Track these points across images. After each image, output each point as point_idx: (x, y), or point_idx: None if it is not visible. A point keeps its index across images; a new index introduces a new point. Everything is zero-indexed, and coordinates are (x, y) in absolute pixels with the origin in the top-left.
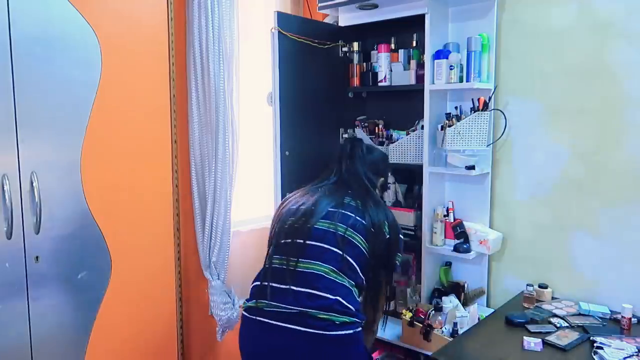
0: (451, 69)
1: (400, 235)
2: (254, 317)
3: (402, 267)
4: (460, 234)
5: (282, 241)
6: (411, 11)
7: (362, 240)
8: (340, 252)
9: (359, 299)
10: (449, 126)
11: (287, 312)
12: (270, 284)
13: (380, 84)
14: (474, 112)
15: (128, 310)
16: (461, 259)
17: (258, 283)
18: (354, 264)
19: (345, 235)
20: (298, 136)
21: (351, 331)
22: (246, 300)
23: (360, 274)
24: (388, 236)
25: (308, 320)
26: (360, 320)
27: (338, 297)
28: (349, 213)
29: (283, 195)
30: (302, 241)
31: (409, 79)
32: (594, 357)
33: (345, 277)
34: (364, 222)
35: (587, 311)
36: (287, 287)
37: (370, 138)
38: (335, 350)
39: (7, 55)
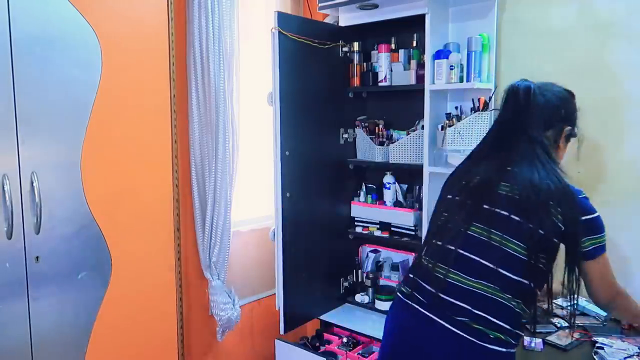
0: (451, 69)
1: (588, 217)
2: (408, 302)
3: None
4: None
5: (434, 241)
6: (411, 11)
7: (518, 244)
8: (494, 267)
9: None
10: (449, 126)
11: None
12: (423, 283)
13: (380, 84)
14: (474, 112)
15: (128, 310)
16: None
17: (411, 276)
18: (509, 274)
19: (502, 247)
20: (298, 136)
21: (503, 350)
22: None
23: (520, 277)
24: (558, 219)
25: (461, 325)
26: (515, 342)
27: (487, 316)
28: (503, 212)
29: (283, 195)
30: (453, 248)
31: (409, 79)
32: (595, 357)
33: (499, 290)
34: (520, 219)
35: (581, 308)
36: (435, 292)
37: (370, 138)
38: None
39: (7, 55)
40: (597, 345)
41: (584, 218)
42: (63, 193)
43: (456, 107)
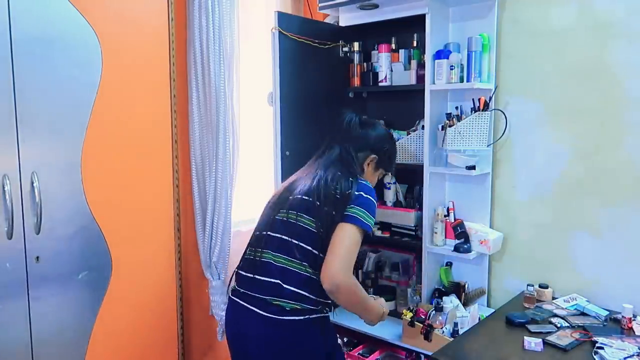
0: (452, 69)
1: (360, 193)
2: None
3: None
4: (460, 234)
5: (257, 233)
6: (412, 11)
7: (308, 219)
8: (288, 239)
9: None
10: (450, 126)
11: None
12: (240, 271)
13: (380, 84)
14: (475, 112)
15: (128, 310)
16: (462, 259)
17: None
18: (303, 245)
19: (291, 221)
20: (298, 136)
21: (301, 317)
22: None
23: (313, 249)
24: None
25: (265, 306)
26: (313, 307)
27: (289, 286)
28: (304, 197)
29: None
30: (265, 233)
31: (410, 79)
32: (595, 357)
33: (298, 262)
34: (309, 198)
35: (581, 308)
36: (252, 276)
37: None
38: (285, 334)
39: (8, 55)
40: (597, 345)
41: (349, 192)
42: (63, 193)
43: (456, 107)
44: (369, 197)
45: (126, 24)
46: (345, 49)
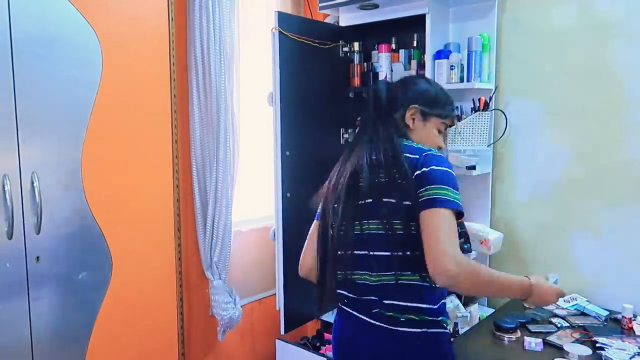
0: (452, 69)
1: (424, 170)
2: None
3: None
4: (460, 234)
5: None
6: (412, 11)
7: (376, 223)
8: (382, 254)
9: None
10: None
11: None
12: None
13: None
14: (475, 112)
15: (129, 310)
16: None
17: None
18: (382, 253)
19: (372, 232)
20: (299, 136)
21: (418, 330)
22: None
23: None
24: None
25: (375, 315)
26: (432, 319)
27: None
28: (367, 202)
29: (284, 196)
30: (350, 252)
31: None
32: (595, 357)
33: (387, 273)
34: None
35: (582, 308)
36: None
37: None
38: (403, 350)
39: (8, 55)
40: (597, 345)
41: (418, 172)
42: (63, 193)
43: (457, 107)
44: (442, 167)
45: (126, 23)
46: (346, 49)
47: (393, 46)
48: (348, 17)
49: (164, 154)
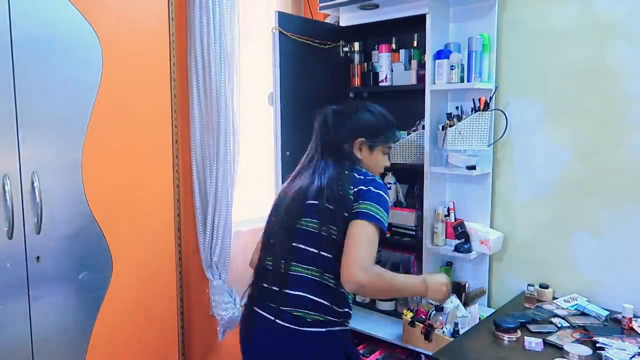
0: (452, 69)
1: (361, 188)
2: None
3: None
4: (461, 234)
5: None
6: (412, 11)
7: (320, 224)
8: (313, 250)
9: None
10: (450, 126)
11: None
12: (262, 284)
13: (381, 84)
14: (475, 112)
15: (129, 310)
16: (462, 259)
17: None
18: (323, 253)
19: (311, 230)
20: (299, 136)
21: (323, 329)
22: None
23: (328, 254)
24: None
25: (284, 316)
26: (335, 318)
27: (312, 296)
28: (313, 202)
29: None
30: (291, 244)
31: (410, 79)
32: (595, 357)
33: (319, 270)
34: (317, 202)
35: (582, 308)
36: (278, 289)
37: None
38: (307, 347)
39: (8, 55)
40: (597, 345)
41: (358, 188)
42: (64, 193)
43: (457, 107)
44: (378, 191)
45: (126, 24)
46: (346, 49)
47: (393, 46)
48: (348, 17)
49: (164, 154)
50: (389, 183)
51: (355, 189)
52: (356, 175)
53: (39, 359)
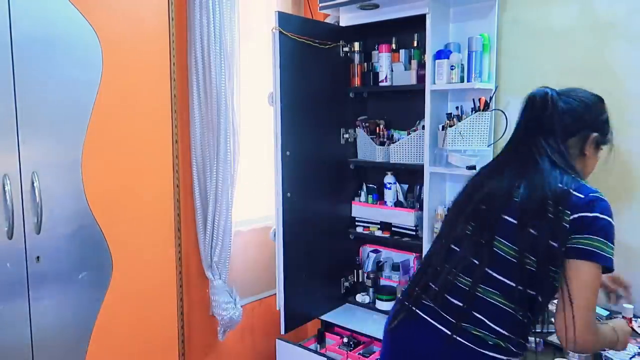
0: (452, 69)
1: (596, 215)
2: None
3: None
4: None
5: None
6: (412, 11)
7: (510, 247)
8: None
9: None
10: (450, 126)
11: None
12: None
13: (381, 84)
14: (475, 112)
15: (129, 310)
16: None
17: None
18: (502, 279)
19: (496, 250)
20: (299, 136)
21: (503, 357)
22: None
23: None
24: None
25: (461, 331)
26: (516, 351)
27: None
28: (508, 218)
29: (284, 195)
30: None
31: (410, 79)
32: (595, 357)
33: (499, 295)
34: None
35: None
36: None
37: (371, 138)
38: None
39: (8, 55)
40: None
41: (580, 215)
42: (64, 193)
43: (457, 107)
44: (608, 218)
45: (126, 23)
46: (346, 49)
47: (393, 46)
48: (348, 17)
49: (164, 154)
50: (389, 183)
51: (575, 216)
52: (575, 192)
53: (39, 359)
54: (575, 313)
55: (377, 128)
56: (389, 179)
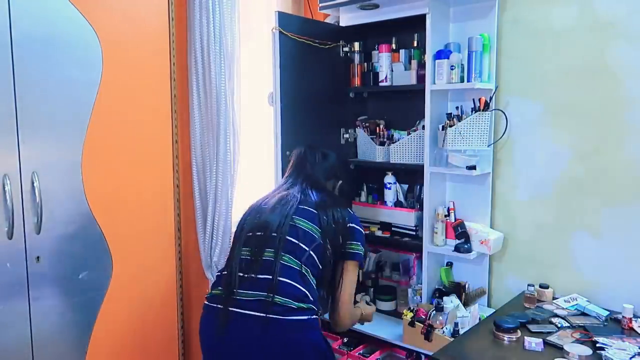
0: (452, 69)
1: (353, 225)
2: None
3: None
4: (461, 234)
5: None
6: (412, 11)
7: (317, 229)
8: (303, 246)
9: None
10: (450, 126)
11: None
12: (238, 273)
13: (381, 84)
14: (475, 112)
15: (129, 310)
16: (462, 259)
17: (225, 272)
18: (312, 254)
19: (305, 229)
20: (299, 136)
21: (306, 317)
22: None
23: (319, 264)
24: (337, 225)
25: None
26: (317, 308)
27: (295, 283)
28: (310, 209)
29: None
30: (264, 234)
31: (410, 79)
32: (595, 357)
33: (304, 266)
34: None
35: (582, 308)
36: (251, 275)
37: (371, 138)
38: (290, 336)
39: (8, 55)
40: (597, 345)
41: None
42: (64, 193)
43: (457, 107)
44: (359, 228)
45: (127, 23)
46: (346, 49)
47: (393, 46)
48: (348, 17)
49: (164, 154)
50: (389, 183)
51: (345, 224)
52: (340, 209)
53: (39, 359)
54: (342, 304)
55: (377, 128)
56: (389, 179)
